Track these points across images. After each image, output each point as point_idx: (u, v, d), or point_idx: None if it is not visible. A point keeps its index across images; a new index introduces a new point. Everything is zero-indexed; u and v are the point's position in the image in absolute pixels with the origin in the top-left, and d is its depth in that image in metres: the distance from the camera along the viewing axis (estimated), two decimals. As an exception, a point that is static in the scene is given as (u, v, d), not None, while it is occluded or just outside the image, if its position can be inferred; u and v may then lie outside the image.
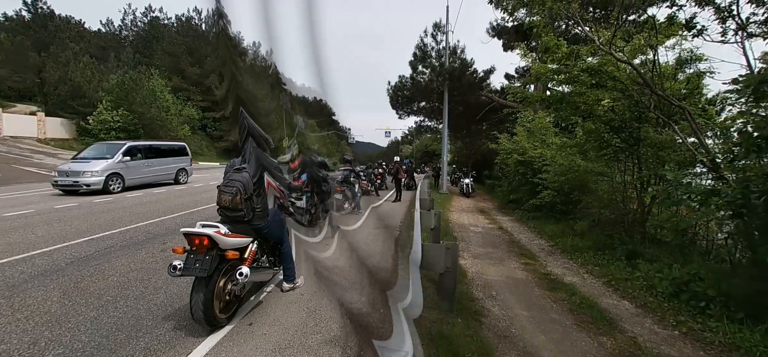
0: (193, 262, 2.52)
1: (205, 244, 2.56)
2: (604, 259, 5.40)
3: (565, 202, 8.59)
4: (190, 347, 2.51)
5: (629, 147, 5.79)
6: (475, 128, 21.97)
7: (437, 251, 3.37)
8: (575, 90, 6.28)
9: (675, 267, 4.30)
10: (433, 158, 37.18)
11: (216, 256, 2.58)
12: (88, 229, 5.48)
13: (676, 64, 5.80)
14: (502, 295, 4.19)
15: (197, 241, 2.56)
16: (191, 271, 2.50)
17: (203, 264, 2.51)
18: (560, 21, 8.92)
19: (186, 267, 2.52)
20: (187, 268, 2.51)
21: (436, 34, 18.10)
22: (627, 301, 4.11)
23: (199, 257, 2.54)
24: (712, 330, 3.24)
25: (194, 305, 2.52)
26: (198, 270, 2.49)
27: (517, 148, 11.40)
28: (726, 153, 4.05)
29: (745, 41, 4.21)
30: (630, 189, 6.12)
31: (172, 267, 2.53)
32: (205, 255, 2.55)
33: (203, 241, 2.56)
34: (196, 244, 2.57)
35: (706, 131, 5.03)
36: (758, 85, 3.30)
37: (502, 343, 3.06)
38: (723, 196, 3.49)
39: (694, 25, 4.88)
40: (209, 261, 2.52)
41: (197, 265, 2.51)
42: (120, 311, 2.99)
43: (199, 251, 2.56)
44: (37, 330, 2.66)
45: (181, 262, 2.54)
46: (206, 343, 2.57)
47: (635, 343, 3.11)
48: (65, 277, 3.64)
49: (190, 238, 2.58)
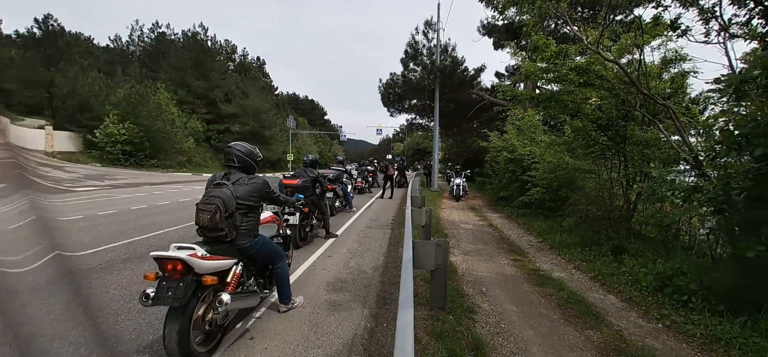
0: (166, 290, 2.22)
1: (178, 269, 2.25)
2: (591, 255, 5.51)
3: (553, 199, 8.73)
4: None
5: (615, 145, 5.90)
6: (466, 126, 22.15)
7: (428, 248, 3.37)
8: (564, 89, 6.37)
9: (659, 262, 4.41)
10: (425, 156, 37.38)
11: (191, 282, 2.28)
12: (91, 242, 5.39)
13: (661, 64, 5.94)
14: (492, 291, 4.23)
15: (170, 267, 2.25)
16: (163, 301, 2.20)
17: (176, 292, 2.21)
18: (549, 20, 9.04)
19: (157, 296, 2.21)
20: (158, 297, 2.20)
21: (427, 31, 18.13)
22: (613, 295, 4.20)
23: (172, 284, 2.23)
24: (694, 323, 3.33)
25: (167, 338, 2.20)
26: (170, 299, 2.19)
27: (507, 146, 11.52)
28: (708, 151, 4.16)
29: (727, 42, 4.33)
30: (616, 186, 6.25)
31: (144, 295, 2.23)
32: (179, 281, 2.24)
33: (176, 265, 2.25)
34: (169, 270, 2.25)
35: (690, 129, 5.15)
36: (739, 84, 3.39)
37: (492, 338, 3.09)
38: (705, 193, 3.59)
39: (678, 26, 4.99)
40: (183, 288, 2.22)
41: (170, 294, 2.20)
42: (121, 325, 2.93)
43: (171, 278, 2.25)
44: (38, 343, 2.58)
45: (153, 290, 2.24)
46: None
47: (621, 336, 3.18)
48: (68, 289, 3.59)
49: (162, 262, 2.27)
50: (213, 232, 2.53)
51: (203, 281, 2.37)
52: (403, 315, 1.76)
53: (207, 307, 2.47)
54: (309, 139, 54.40)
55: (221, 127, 33.91)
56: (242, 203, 2.67)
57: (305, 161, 6.48)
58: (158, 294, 2.23)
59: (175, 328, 2.21)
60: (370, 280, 4.35)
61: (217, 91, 33.81)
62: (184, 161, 27.48)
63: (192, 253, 2.32)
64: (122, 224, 6.88)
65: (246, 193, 2.70)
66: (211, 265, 2.42)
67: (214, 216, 2.47)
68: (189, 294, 2.26)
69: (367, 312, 3.43)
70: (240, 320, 3.10)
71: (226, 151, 2.84)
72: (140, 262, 4.60)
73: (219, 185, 2.64)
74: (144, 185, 15.08)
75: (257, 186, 2.78)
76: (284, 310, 3.30)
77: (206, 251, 2.42)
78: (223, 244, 2.61)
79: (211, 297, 2.49)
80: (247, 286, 2.93)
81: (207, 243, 2.55)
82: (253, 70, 47.37)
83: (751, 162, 3.40)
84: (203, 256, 2.37)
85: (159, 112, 25.27)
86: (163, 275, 2.29)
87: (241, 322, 3.09)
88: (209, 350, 2.52)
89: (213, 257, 2.45)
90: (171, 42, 38.08)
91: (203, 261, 2.35)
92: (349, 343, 2.84)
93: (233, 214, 2.59)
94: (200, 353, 2.41)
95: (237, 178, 2.74)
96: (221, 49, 41.36)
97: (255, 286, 3.06)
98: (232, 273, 2.65)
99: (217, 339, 2.62)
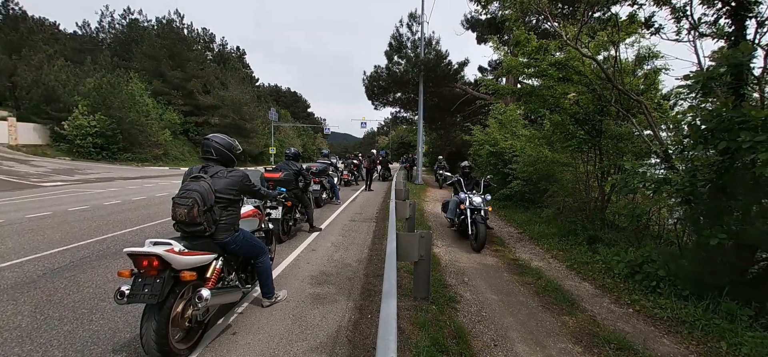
0: (141, 287, 2.14)
1: (155, 265, 2.17)
2: (568, 245, 5.72)
3: (533, 192, 8.97)
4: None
5: (592, 139, 6.11)
6: (450, 120, 22.34)
7: (412, 240, 3.40)
8: (544, 84, 6.52)
9: (630, 250, 4.63)
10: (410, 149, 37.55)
11: (169, 278, 2.21)
12: (61, 239, 5.14)
13: (635, 61, 6.16)
14: (473, 280, 4.33)
15: (145, 263, 2.17)
16: (139, 298, 2.12)
17: (153, 289, 2.13)
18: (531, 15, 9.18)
19: (133, 293, 2.13)
20: (134, 295, 2.13)
21: (411, 24, 18.09)
22: (587, 282, 4.39)
23: (148, 281, 2.16)
24: (661, 307, 3.53)
25: (145, 336, 2.14)
26: (147, 296, 2.12)
27: (489, 140, 11.71)
28: (677, 144, 4.37)
29: (696, 40, 4.53)
30: (592, 178, 6.49)
31: (119, 293, 2.15)
32: (156, 278, 2.17)
33: (152, 261, 2.17)
34: (144, 266, 2.18)
35: (661, 124, 5.39)
36: (706, 81, 3.56)
37: (474, 326, 3.17)
38: (673, 185, 3.77)
39: (652, 24, 5.18)
40: (160, 285, 2.15)
41: (146, 291, 2.13)
42: (96, 324, 2.82)
43: (148, 274, 2.18)
44: (6, 346, 2.46)
45: (128, 288, 2.17)
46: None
47: (594, 321, 3.33)
48: (37, 289, 3.41)
49: (137, 259, 2.19)
50: (191, 227, 2.45)
51: (181, 277, 2.30)
52: (386, 305, 1.78)
53: (186, 303, 2.40)
54: (292, 132, 53.52)
55: (199, 119, 32.88)
56: (221, 197, 2.59)
57: (287, 154, 6.34)
58: (134, 291, 2.15)
59: (153, 326, 2.15)
60: (355, 273, 4.35)
61: (194, 82, 32.64)
62: (160, 155, 26.50)
63: (169, 248, 2.24)
64: (95, 220, 6.59)
65: (225, 186, 2.62)
66: (189, 260, 2.34)
67: (192, 210, 2.39)
68: (166, 290, 2.19)
69: (351, 304, 3.44)
70: (222, 316, 3.05)
71: (204, 143, 2.76)
72: (114, 259, 4.43)
73: (196, 178, 2.56)
74: (117, 180, 14.47)
75: (236, 179, 2.71)
76: (267, 304, 3.26)
77: (184, 246, 2.34)
78: (202, 239, 2.53)
79: (191, 293, 2.42)
80: (228, 282, 2.86)
81: (185, 238, 2.47)
82: (232, 60, 46.06)
83: (716, 155, 3.60)
84: (181, 252, 2.29)
85: (132, 103, 24.28)
86: (139, 272, 2.21)
87: (223, 317, 3.03)
88: (189, 347, 2.46)
89: (191, 253, 2.37)
90: (144, 29, 36.62)
91: (181, 257, 2.28)
92: (333, 335, 2.84)
93: (212, 208, 2.51)
94: (180, 351, 2.35)
95: (215, 171, 2.66)
96: (198, 37, 39.97)
97: (236, 281, 3.00)
98: (212, 268, 2.58)
99: (197, 336, 2.55)
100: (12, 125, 21.72)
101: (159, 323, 2.16)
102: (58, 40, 33.36)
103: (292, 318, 3.10)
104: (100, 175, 15.42)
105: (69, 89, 23.00)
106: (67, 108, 22.21)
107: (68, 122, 21.62)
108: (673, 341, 3.01)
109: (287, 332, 2.86)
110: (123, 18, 38.52)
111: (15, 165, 16.06)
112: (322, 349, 2.65)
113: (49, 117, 22.70)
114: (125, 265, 4.12)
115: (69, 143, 22.02)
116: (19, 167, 15.60)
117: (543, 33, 11.71)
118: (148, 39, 33.95)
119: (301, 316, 3.15)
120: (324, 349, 2.64)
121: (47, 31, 32.94)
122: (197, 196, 2.42)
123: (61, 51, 29.26)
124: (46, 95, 22.71)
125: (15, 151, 20.59)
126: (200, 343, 2.59)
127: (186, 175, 2.67)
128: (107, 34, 38.73)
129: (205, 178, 2.57)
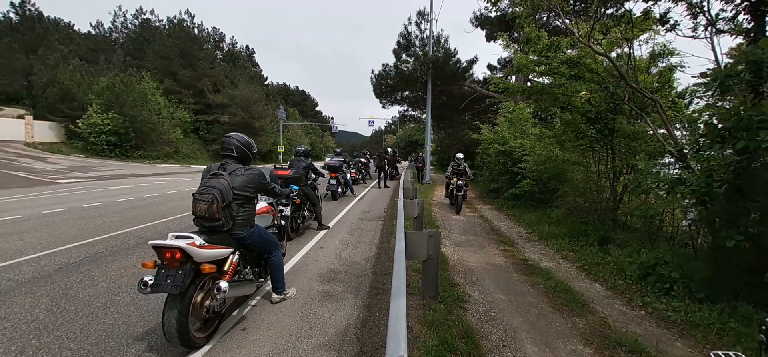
0: (164, 278, 2.28)
1: (177, 257, 2.31)
2: (578, 245, 5.64)
3: (542, 191, 8.87)
4: (182, 354, 2.44)
5: (604, 138, 6.01)
6: (458, 119, 22.16)
7: (420, 239, 3.40)
8: (555, 82, 6.43)
9: (643, 252, 4.54)
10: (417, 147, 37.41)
11: (190, 270, 2.33)
12: (76, 235, 5.27)
13: (649, 58, 6.03)
14: (482, 280, 4.31)
15: (168, 255, 2.31)
16: (162, 288, 2.26)
17: (175, 279, 2.27)
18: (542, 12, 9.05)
19: (156, 283, 2.27)
20: (158, 285, 2.27)
21: (420, 22, 18.00)
22: (598, 284, 4.32)
23: (171, 272, 2.29)
24: (675, 309, 3.46)
25: (167, 324, 2.28)
26: (170, 286, 2.25)
27: (498, 139, 11.61)
28: (692, 144, 4.26)
29: (713, 37, 4.41)
30: (603, 178, 6.38)
31: (142, 283, 2.29)
32: (178, 269, 2.30)
33: (175, 254, 2.30)
34: (168, 258, 2.32)
35: (675, 123, 5.28)
36: (724, 78, 3.47)
37: (482, 326, 3.15)
38: (688, 185, 3.69)
39: (667, 20, 5.06)
40: (182, 276, 2.28)
41: (169, 281, 2.26)
42: (110, 318, 2.89)
43: (170, 265, 2.31)
44: (24, 338, 2.54)
45: (151, 278, 2.31)
46: (199, 350, 2.49)
47: (606, 322, 3.28)
48: (54, 283, 3.50)
49: (161, 251, 2.33)
50: (210, 222, 2.56)
51: (202, 269, 2.42)
52: (396, 303, 1.78)
53: (204, 294, 2.51)
54: (300, 131, 53.84)
55: (209, 117, 33.31)
56: (239, 194, 2.70)
57: (297, 151, 6.39)
58: (157, 281, 2.28)
59: (174, 315, 2.27)
60: (363, 271, 4.37)
61: (204, 81, 33.11)
62: (171, 153, 26.97)
63: (190, 241, 2.35)
64: (108, 217, 6.75)
65: (242, 183, 2.73)
66: (209, 253, 2.46)
67: (212, 206, 2.50)
68: (188, 281, 2.31)
69: (359, 302, 3.46)
70: (236, 308, 3.14)
71: (224, 141, 2.86)
72: (128, 255, 4.53)
73: (216, 175, 2.66)
74: (130, 177, 14.77)
75: (253, 177, 2.82)
76: (277, 300, 3.31)
77: (204, 240, 2.46)
78: (220, 234, 2.64)
79: (209, 285, 2.54)
80: (244, 275, 2.99)
81: (204, 232, 2.58)
82: (242, 59, 46.46)
83: (733, 155, 3.50)
84: (201, 245, 2.41)
85: (144, 102, 24.74)
86: (162, 263, 2.34)
87: (238, 309, 3.13)
88: (207, 336, 2.58)
89: (211, 246, 2.49)
90: (156, 29, 37.12)
91: (202, 250, 2.39)
92: (341, 333, 2.86)
93: (230, 205, 2.61)
94: (198, 339, 2.47)
95: (233, 168, 2.76)
96: (208, 37, 40.41)
97: (251, 274, 3.11)
98: (229, 261, 2.69)
99: (214, 325, 2.66)
100: (29, 123, 22.42)
101: (180, 312, 2.28)
102: (73, 40, 34.13)
103: (301, 315, 3.13)
104: (113, 173, 15.76)
105: (83, 88, 23.54)
106: (81, 106, 22.75)
107: (82, 120, 22.17)
108: (686, 344, 2.95)
109: (296, 329, 2.89)
110: (135, 18, 39.11)
111: (32, 162, 16.53)
112: (330, 346, 2.67)
113: (64, 115, 23.31)
114: (139, 260, 4.23)
115: (83, 141, 22.61)
116: (36, 164, 16.06)
117: (554, 30, 11.54)
118: (160, 38, 34.50)
119: (309, 313, 3.18)
120: (332, 346, 2.66)
121: (62, 32, 33.86)
122: (217, 192, 2.53)
123: (75, 51, 29.95)
124: (62, 94, 23.33)
125: (32, 148, 21.22)
126: (217, 332, 2.69)
127: (205, 173, 2.77)
128: (120, 34, 39.38)
129: (223, 175, 2.66)
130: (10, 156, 17.58)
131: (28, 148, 21.13)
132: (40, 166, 15.54)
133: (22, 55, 26.96)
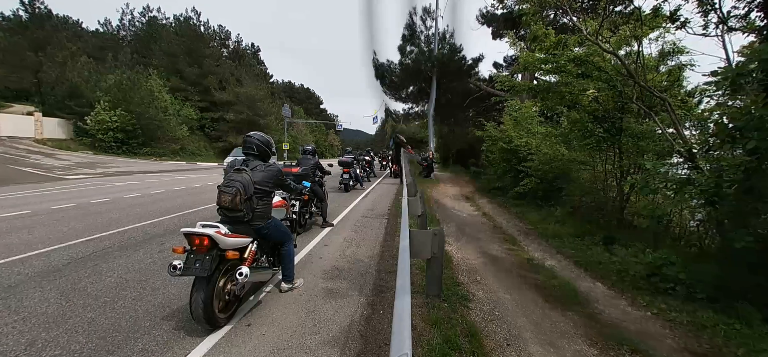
0: (193, 262, 2.51)
1: (205, 244, 2.54)
2: (583, 244, 5.60)
3: (547, 190, 8.81)
4: (187, 348, 2.48)
5: (611, 137, 5.94)
6: (462, 116, 22.06)
7: (425, 237, 3.39)
8: (562, 80, 6.37)
9: (648, 252, 4.50)
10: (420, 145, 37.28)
11: (216, 256, 2.58)
12: (84, 230, 5.36)
13: (658, 57, 5.95)
14: (486, 279, 4.30)
15: (197, 241, 2.54)
16: (191, 271, 2.49)
17: (203, 264, 2.50)
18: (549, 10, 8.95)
19: (186, 267, 2.51)
20: (188, 268, 2.50)
21: (425, 19, 17.92)
22: (602, 283, 4.29)
23: (200, 257, 2.53)
24: (680, 310, 3.42)
25: (194, 305, 2.51)
26: (198, 270, 2.49)
27: (502, 137, 11.54)
28: (702, 144, 4.21)
29: (725, 35, 4.34)
30: (610, 178, 6.32)
31: (172, 267, 2.50)
32: (206, 255, 2.54)
33: (203, 241, 2.54)
34: (197, 244, 2.55)
35: (685, 122, 5.20)
36: (736, 77, 3.42)
37: (486, 325, 3.15)
38: (697, 185, 3.64)
39: (677, 18, 4.98)
40: (209, 261, 2.51)
41: (197, 265, 2.50)
42: (118, 312, 2.93)
43: (199, 251, 2.55)
44: (34, 331, 2.60)
45: (180, 262, 2.52)
46: (204, 344, 2.53)
47: (610, 323, 3.26)
48: (62, 277, 3.58)
49: (191, 238, 2.56)
50: (232, 213, 2.79)
51: (226, 256, 2.66)
52: (400, 301, 1.78)
53: (227, 279, 2.76)
54: (305, 129, 53.94)
55: (215, 115, 33.49)
56: (259, 188, 2.94)
57: (305, 150, 6.56)
58: (187, 265, 2.51)
59: (201, 297, 2.51)
60: (367, 269, 4.38)
61: (210, 79, 33.30)
62: (177, 150, 27.18)
63: (217, 230, 2.60)
64: (116, 212, 6.83)
65: (262, 178, 2.99)
66: (233, 241, 2.71)
67: (235, 198, 2.73)
68: (214, 266, 2.55)
69: (363, 299, 3.47)
70: (252, 293, 3.37)
71: (246, 140, 3.12)
72: (135, 250, 4.58)
73: (239, 170, 2.89)
74: (137, 173, 14.92)
75: (272, 173, 3.09)
76: (286, 288, 3.47)
77: (228, 230, 2.70)
78: (241, 224, 2.88)
79: (231, 270, 2.77)
80: (261, 263, 3.24)
81: (226, 222, 2.81)
82: (247, 57, 46.58)
83: (743, 155, 3.45)
84: (226, 234, 2.65)
85: (151, 99, 24.93)
86: (191, 249, 2.58)
87: (254, 294, 3.35)
88: (227, 317, 2.82)
89: (234, 235, 2.74)
90: (163, 27, 37.35)
91: (227, 238, 2.64)
92: (345, 330, 2.88)
93: (251, 198, 2.85)
94: (220, 319, 2.71)
95: (254, 164, 3.02)
96: (214, 35, 40.53)
97: (266, 262, 3.34)
98: (249, 250, 2.94)
99: (234, 308, 2.90)
100: (38, 120, 22.74)
101: (206, 294, 2.52)
102: (81, 37, 34.49)
103: (306, 311, 3.15)
104: (120, 169, 15.94)
105: (91, 85, 23.84)
106: (89, 103, 23.02)
107: (91, 117, 22.41)
108: (691, 346, 2.92)
109: (300, 325, 2.91)
110: (142, 16, 39.36)
111: (41, 158, 16.78)
112: (334, 342, 2.68)
113: (73, 112, 23.64)
114: (145, 257, 4.29)
115: (91, 138, 22.90)
116: (45, 160, 16.30)
117: (561, 28, 11.41)
118: (167, 36, 34.72)
119: (314, 309, 3.20)
120: (336, 343, 2.67)
121: (71, 29, 34.27)
122: (240, 185, 2.76)
123: (83, 48, 30.23)
124: (70, 91, 23.69)
125: (41, 145, 21.55)
126: (235, 314, 2.91)
127: (229, 167, 3.00)
128: (127, 32, 39.67)
129: (246, 170, 2.90)
130: (21, 152, 17.87)
131: (37, 144, 21.47)
132: (49, 163, 15.78)
133: (32, 52, 27.29)
